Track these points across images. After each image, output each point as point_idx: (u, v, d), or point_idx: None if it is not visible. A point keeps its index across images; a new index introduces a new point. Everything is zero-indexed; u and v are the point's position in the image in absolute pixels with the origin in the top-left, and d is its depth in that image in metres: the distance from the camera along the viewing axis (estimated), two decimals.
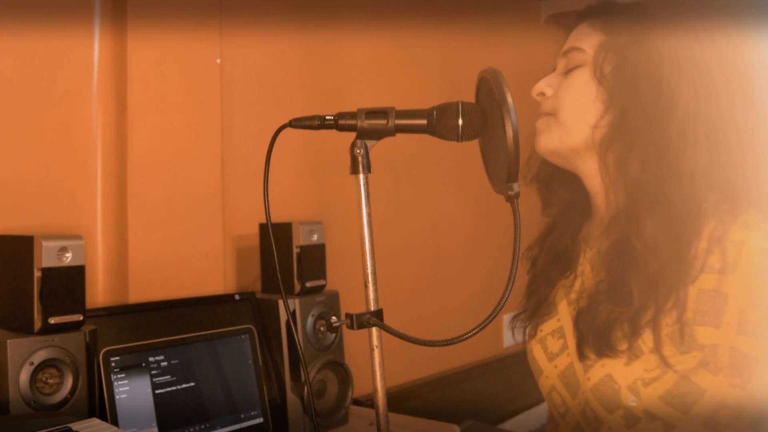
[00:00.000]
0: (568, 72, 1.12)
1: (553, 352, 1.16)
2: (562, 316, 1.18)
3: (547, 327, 1.19)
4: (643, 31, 1.08)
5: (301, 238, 1.50)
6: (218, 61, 1.60)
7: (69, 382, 1.15)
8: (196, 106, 1.57)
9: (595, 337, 1.07)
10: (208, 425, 1.30)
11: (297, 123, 1.01)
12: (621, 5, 1.14)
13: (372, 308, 0.96)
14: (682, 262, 1.02)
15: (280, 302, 1.49)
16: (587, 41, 1.11)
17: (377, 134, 0.97)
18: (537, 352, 1.19)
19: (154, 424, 1.23)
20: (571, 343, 1.13)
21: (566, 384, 1.13)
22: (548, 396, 1.18)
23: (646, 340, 1.03)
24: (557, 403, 1.16)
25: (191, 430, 1.28)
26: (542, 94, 1.13)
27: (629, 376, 1.03)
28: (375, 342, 0.96)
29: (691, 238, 1.03)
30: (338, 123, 0.98)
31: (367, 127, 0.97)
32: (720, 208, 1.04)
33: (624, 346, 1.04)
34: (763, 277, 0.99)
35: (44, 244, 1.14)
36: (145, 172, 1.48)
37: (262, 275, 1.60)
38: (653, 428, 1.03)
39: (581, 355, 1.09)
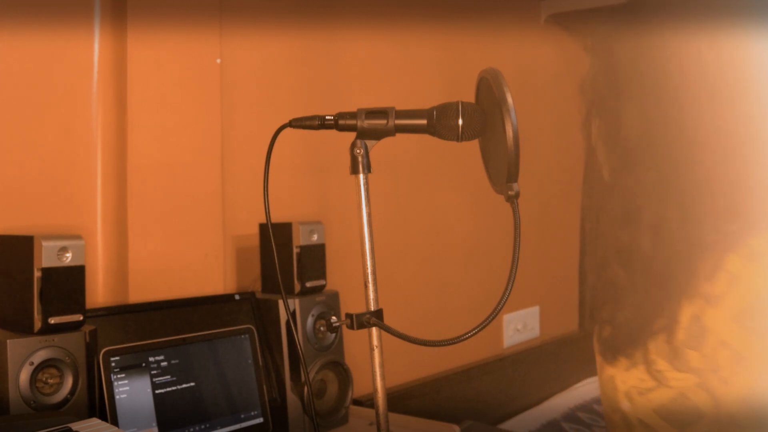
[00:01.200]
0: None
1: None
2: None
3: None
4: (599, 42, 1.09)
5: (301, 238, 1.50)
6: (218, 61, 1.60)
7: (69, 382, 1.15)
8: (196, 106, 1.57)
9: (609, 338, 1.08)
10: (208, 425, 1.30)
11: (297, 123, 1.01)
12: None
13: (372, 308, 0.96)
14: (672, 278, 1.00)
15: (280, 302, 1.49)
16: None
17: (377, 134, 0.97)
18: None
19: (154, 424, 1.23)
20: None
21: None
22: None
23: (645, 350, 1.03)
24: None
25: (191, 430, 1.28)
26: None
27: (627, 382, 1.04)
28: (375, 342, 0.97)
29: (687, 253, 0.99)
30: (338, 123, 0.98)
31: (367, 127, 0.97)
32: (726, 227, 0.98)
33: (629, 352, 1.04)
34: (752, 315, 0.93)
35: (44, 244, 1.14)
36: (145, 172, 1.48)
37: (262, 275, 1.60)
38: None
39: (601, 353, 1.11)
